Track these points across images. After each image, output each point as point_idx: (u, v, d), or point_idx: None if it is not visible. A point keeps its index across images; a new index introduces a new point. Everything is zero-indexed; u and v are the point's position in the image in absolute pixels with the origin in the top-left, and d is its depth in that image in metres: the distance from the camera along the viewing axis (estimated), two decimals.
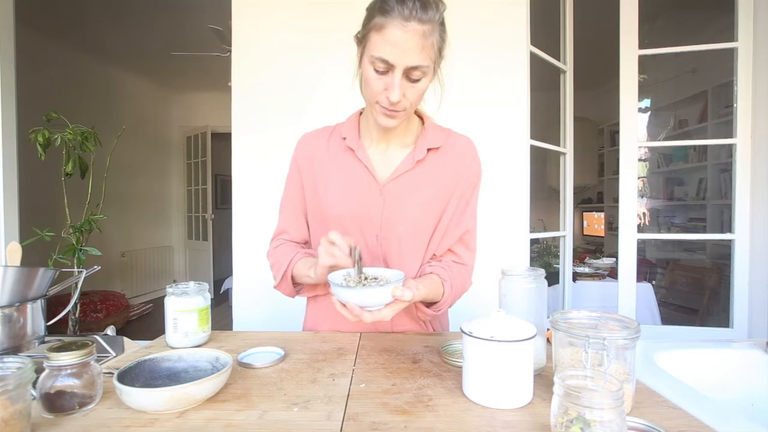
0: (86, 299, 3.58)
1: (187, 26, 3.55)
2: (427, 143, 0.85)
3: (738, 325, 1.89)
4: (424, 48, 0.68)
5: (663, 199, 4.26)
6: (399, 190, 0.83)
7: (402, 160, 0.84)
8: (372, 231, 0.85)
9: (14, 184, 2.09)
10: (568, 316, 0.66)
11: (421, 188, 0.84)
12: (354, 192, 0.84)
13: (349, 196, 0.84)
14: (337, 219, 0.85)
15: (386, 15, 0.67)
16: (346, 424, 0.54)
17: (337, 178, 0.86)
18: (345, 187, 0.85)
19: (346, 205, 0.84)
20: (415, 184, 0.84)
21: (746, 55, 1.87)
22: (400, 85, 0.71)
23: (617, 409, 0.43)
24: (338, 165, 0.86)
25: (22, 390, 0.49)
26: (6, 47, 2.06)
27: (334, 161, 0.87)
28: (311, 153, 0.90)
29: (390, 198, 0.83)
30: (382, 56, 0.69)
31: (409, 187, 0.83)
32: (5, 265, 0.81)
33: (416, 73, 0.71)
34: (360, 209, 0.84)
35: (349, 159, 0.86)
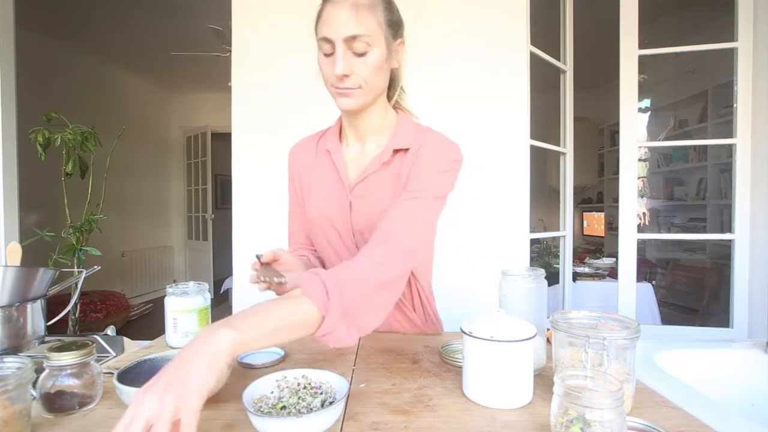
0: (86, 299, 3.58)
1: (187, 26, 3.55)
2: (394, 144, 0.81)
3: (738, 325, 1.89)
4: (358, 18, 0.69)
5: (663, 199, 4.26)
6: (365, 192, 0.81)
7: (367, 163, 0.82)
8: (347, 235, 0.84)
9: (14, 184, 2.09)
10: (568, 316, 0.66)
11: (387, 192, 0.79)
12: (328, 195, 0.84)
13: (324, 198, 0.85)
14: (318, 222, 0.86)
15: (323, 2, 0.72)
16: (346, 424, 0.54)
17: (318, 181, 0.87)
18: (322, 190, 0.85)
19: (322, 208, 0.85)
20: (382, 187, 0.80)
21: (746, 55, 1.87)
22: (342, 57, 0.71)
23: (617, 409, 0.43)
24: (319, 168, 0.87)
25: (22, 390, 0.49)
26: (6, 47, 2.06)
27: (318, 165, 0.88)
28: (300, 160, 0.92)
29: (357, 201, 0.81)
30: (323, 35, 0.72)
31: (374, 191, 0.81)
32: (5, 265, 0.81)
33: (358, 45, 0.71)
34: (333, 212, 0.84)
35: (327, 162, 0.86)
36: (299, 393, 0.55)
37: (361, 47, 0.71)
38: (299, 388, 0.56)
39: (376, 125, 0.84)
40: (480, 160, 1.83)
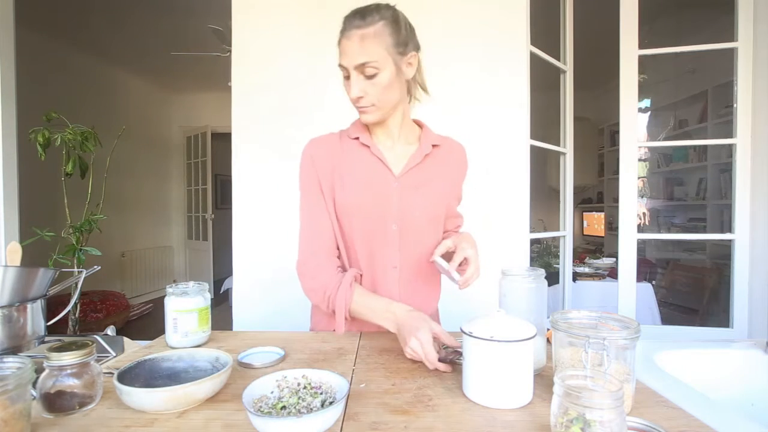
0: (86, 299, 3.58)
1: (187, 26, 3.54)
2: (430, 141, 0.95)
3: (738, 325, 1.89)
4: (364, 47, 0.81)
5: (663, 199, 4.26)
6: (412, 181, 0.91)
7: (411, 155, 0.93)
8: (389, 220, 0.90)
9: (14, 184, 2.09)
10: (568, 316, 0.66)
11: (430, 179, 0.93)
12: (371, 184, 0.90)
13: (367, 188, 0.90)
14: (355, 212, 0.90)
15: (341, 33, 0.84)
16: (346, 424, 0.54)
17: (355, 173, 0.91)
18: (363, 180, 0.91)
19: (365, 198, 0.90)
20: (425, 175, 0.93)
21: (746, 55, 1.87)
22: (356, 82, 0.84)
23: (617, 409, 0.43)
24: (354, 162, 0.92)
25: (22, 390, 0.49)
26: (6, 47, 2.06)
27: (349, 159, 0.93)
28: (325, 153, 0.93)
29: (405, 188, 0.91)
30: (340, 63, 0.85)
31: (420, 178, 0.92)
32: (5, 265, 0.81)
33: (368, 70, 0.82)
34: (377, 200, 0.90)
35: (364, 155, 0.93)
36: (299, 393, 0.55)
37: (371, 71, 0.83)
38: (299, 388, 0.56)
39: (401, 126, 0.95)
40: (487, 163, 1.83)
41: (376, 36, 0.81)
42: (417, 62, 0.92)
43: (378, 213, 0.90)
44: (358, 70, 0.83)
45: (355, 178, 0.91)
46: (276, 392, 0.55)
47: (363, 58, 0.81)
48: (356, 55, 0.81)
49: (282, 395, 0.55)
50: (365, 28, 0.81)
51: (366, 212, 0.90)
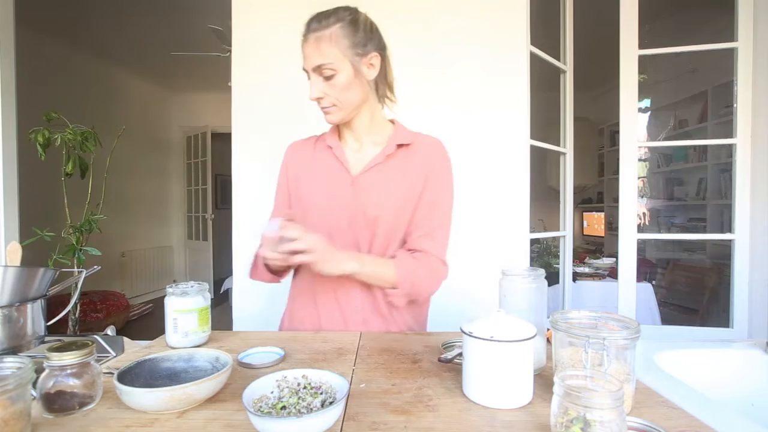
0: (86, 299, 3.58)
1: (187, 26, 3.54)
2: (396, 140, 0.95)
3: (738, 325, 1.89)
4: (319, 49, 0.84)
5: (663, 199, 4.26)
6: (370, 181, 0.93)
7: (375, 155, 0.95)
8: (343, 219, 0.92)
9: (14, 184, 2.09)
10: (568, 316, 0.66)
11: (391, 180, 0.93)
12: (329, 183, 0.95)
13: (324, 187, 0.95)
14: (314, 209, 0.94)
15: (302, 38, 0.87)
16: (346, 424, 0.54)
17: (317, 173, 0.97)
18: (322, 179, 0.96)
19: (321, 195, 0.94)
20: (385, 176, 0.93)
21: (746, 55, 1.87)
22: (314, 83, 0.87)
23: (617, 409, 0.43)
24: (319, 163, 0.98)
25: (22, 390, 0.49)
26: (6, 47, 2.06)
27: (316, 160, 0.98)
28: (297, 155, 1.02)
29: (361, 188, 0.92)
30: (302, 67, 0.88)
31: (378, 179, 0.93)
32: (5, 265, 0.81)
33: (325, 71, 0.86)
34: (333, 200, 0.93)
35: (327, 157, 0.98)
36: (299, 393, 0.55)
37: (328, 72, 0.86)
38: (299, 388, 0.56)
39: (368, 127, 0.97)
40: (487, 163, 1.83)
41: (331, 39, 0.84)
42: (380, 63, 0.92)
43: (334, 213, 0.92)
44: (316, 71, 0.86)
45: (315, 179, 0.96)
46: (276, 392, 0.55)
47: (319, 60, 0.85)
48: (312, 57, 0.85)
49: (282, 395, 0.55)
50: (320, 31, 0.85)
51: (322, 211, 0.93)
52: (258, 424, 0.48)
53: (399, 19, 1.84)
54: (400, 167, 0.94)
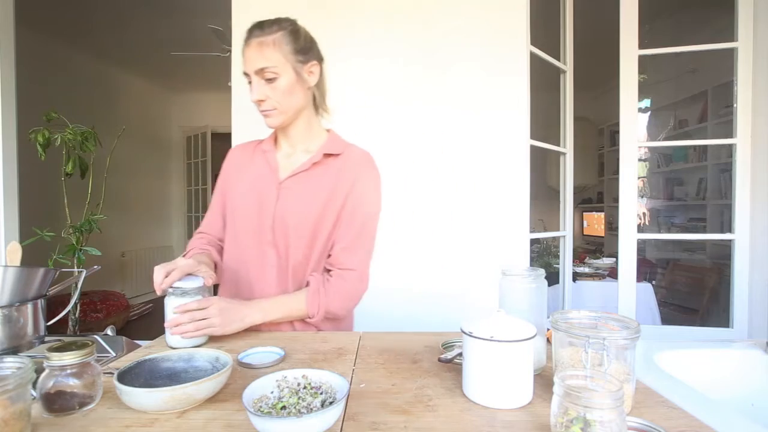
0: (86, 299, 3.58)
1: (188, 26, 3.54)
2: (324, 149, 0.98)
3: (738, 325, 1.89)
4: (262, 53, 0.88)
5: (663, 199, 4.26)
6: (294, 186, 0.96)
7: (302, 162, 0.98)
8: (267, 221, 0.95)
9: (14, 184, 2.09)
10: (568, 316, 0.66)
11: (315, 186, 0.96)
12: (256, 186, 0.98)
13: (251, 189, 0.98)
14: (242, 210, 0.98)
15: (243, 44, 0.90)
16: (346, 424, 0.54)
17: (250, 176, 1.00)
18: (251, 182, 0.99)
19: (247, 197, 0.97)
20: (310, 182, 0.96)
21: (746, 55, 1.87)
22: (256, 86, 0.90)
23: (617, 409, 0.43)
24: (253, 166, 1.01)
25: (22, 390, 0.49)
26: (6, 47, 2.07)
27: (250, 165, 1.02)
28: (236, 158, 1.06)
29: (285, 193, 0.96)
30: (243, 70, 0.91)
31: (303, 185, 0.96)
32: (5, 265, 0.81)
33: (267, 74, 0.89)
34: (258, 201, 0.96)
35: (261, 160, 1.01)
36: (299, 393, 0.55)
37: (270, 75, 0.89)
38: (299, 388, 0.56)
39: (303, 134, 1.00)
40: (488, 163, 1.83)
41: (274, 43, 0.88)
42: (319, 73, 0.97)
43: (260, 214, 0.95)
44: (259, 74, 0.89)
45: (246, 182, 0.99)
46: (276, 392, 0.55)
47: (262, 63, 0.88)
48: (255, 60, 0.88)
49: (282, 395, 0.55)
50: (263, 36, 0.88)
51: (248, 212, 0.96)
52: (258, 424, 0.48)
53: (399, 19, 1.84)
54: (325, 177, 0.96)
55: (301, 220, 0.94)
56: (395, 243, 1.85)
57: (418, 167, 1.85)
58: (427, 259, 1.85)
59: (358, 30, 1.85)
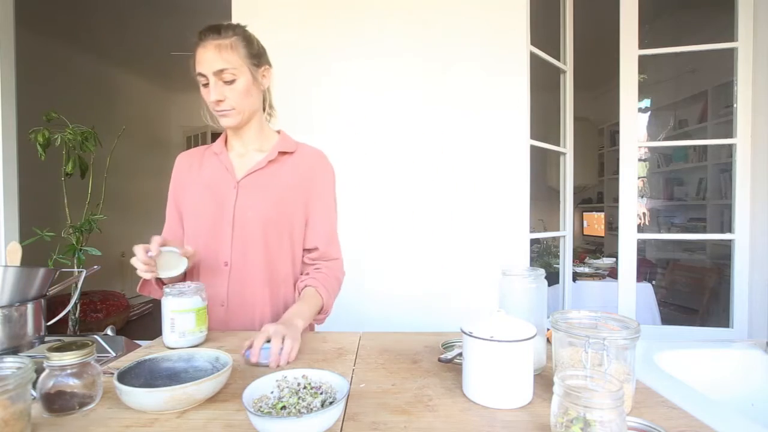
0: (86, 299, 3.58)
1: (187, 26, 3.53)
2: (279, 147, 1.02)
3: (738, 325, 1.89)
4: (221, 55, 0.90)
5: (663, 199, 4.26)
6: (251, 184, 0.99)
7: (258, 160, 1.01)
8: (227, 220, 0.97)
9: (14, 184, 2.09)
10: (568, 316, 0.66)
11: (272, 184, 0.99)
12: (213, 188, 0.99)
13: (208, 191, 0.99)
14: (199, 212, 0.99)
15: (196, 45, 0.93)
16: (346, 424, 0.54)
17: (203, 178, 1.02)
18: (207, 184, 1.01)
19: (205, 199, 0.99)
20: (267, 180, 0.99)
21: (746, 55, 1.87)
22: (215, 87, 0.92)
23: (617, 409, 0.43)
24: (206, 170, 1.03)
25: (22, 390, 0.49)
26: (6, 47, 2.06)
27: (203, 168, 1.04)
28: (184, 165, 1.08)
29: (244, 192, 0.98)
30: (198, 71, 0.92)
31: (261, 183, 0.99)
32: (5, 265, 0.81)
33: (226, 75, 0.91)
34: (217, 202, 0.98)
35: (214, 163, 1.03)
36: (299, 393, 0.55)
37: (229, 77, 0.92)
38: (299, 388, 0.56)
39: (256, 135, 1.04)
40: (488, 163, 1.83)
41: (232, 47, 0.92)
42: (270, 77, 1.03)
43: (216, 213, 0.97)
44: (217, 76, 0.91)
45: (200, 184, 1.01)
46: (276, 392, 0.55)
47: (221, 64, 0.90)
48: (214, 62, 0.90)
49: (282, 395, 0.55)
50: (221, 39, 0.91)
51: (205, 213, 0.98)
52: (258, 424, 0.48)
53: (398, 19, 1.84)
54: (281, 173, 1.00)
55: (261, 216, 0.97)
56: (395, 243, 1.85)
57: (418, 167, 1.85)
58: (427, 259, 1.85)
59: (357, 30, 1.85)
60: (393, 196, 1.85)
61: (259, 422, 0.47)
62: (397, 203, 1.84)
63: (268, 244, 0.98)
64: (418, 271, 1.85)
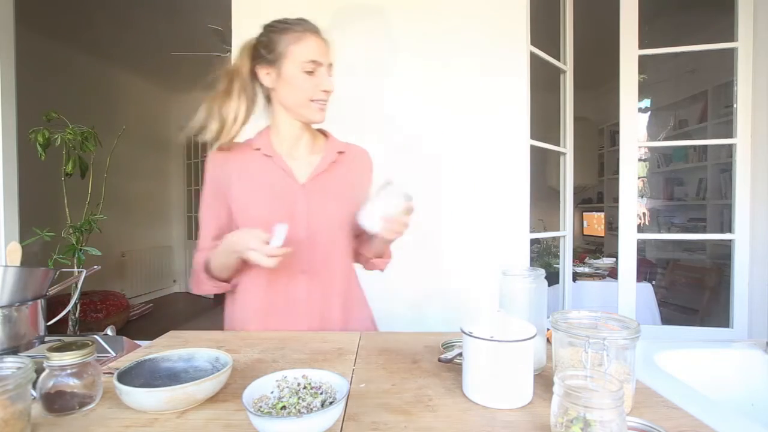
0: (86, 299, 3.58)
1: (188, 26, 3.54)
2: (335, 148, 1.02)
3: (738, 325, 1.89)
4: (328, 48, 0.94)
5: (663, 199, 4.26)
6: (318, 187, 0.97)
7: (317, 163, 0.98)
8: (300, 228, 0.93)
9: (14, 184, 2.09)
10: (568, 316, 0.66)
11: (337, 185, 0.99)
12: (275, 194, 0.94)
13: (270, 199, 0.94)
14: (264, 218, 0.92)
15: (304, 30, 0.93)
16: (346, 424, 0.54)
17: (259, 185, 0.95)
18: (268, 192, 0.94)
19: (268, 208, 0.93)
20: (332, 182, 0.98)
21: (746, 55, 1.87)
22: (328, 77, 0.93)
23: (617, 409, 0.43)
24: (257, 174, 0.96)
25: (22, 390, 0.49)
26: (6, 47, 2.06)
27: (251, 171, 0.96)
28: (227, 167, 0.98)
29: (312, 196, 0.95)
30: (312, 58, 0.91)
31: (326, 185, 0.98)
32: (5, 265, 0.81)
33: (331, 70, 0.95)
34: (285, 210, 0.93)
35: (267, 167, 0.96)
36: (299, 393, 0.55)
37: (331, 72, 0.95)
38: (299, 388, 0.56)
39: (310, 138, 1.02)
40: (488, 163, 1.83)
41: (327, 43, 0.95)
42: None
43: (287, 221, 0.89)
44: (328, 69, 0.94)
45: (262, 190, 0.95)
46: (276, 392, 0.55)
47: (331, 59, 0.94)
48: (328, 54, 0.94)
49: (282, 395, 0.55)
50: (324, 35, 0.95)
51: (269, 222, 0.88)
52: (258, 424, 0.48)
53: (398, 18, 1.84)
54: (342, 173, 1.00)
55: (335, 220, 0.96)
56: (395, 243, 1.84)
57: (418, 167, 1.85)
58: (427, 258, 1.84)
59: (357, 30, 1.85)
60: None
61: (259, 422, 0.47)
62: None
63: (341, 247, 0.98)
64: (419, 271, 1.85)
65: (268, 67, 0.95)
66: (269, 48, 0.94)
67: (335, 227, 0.97)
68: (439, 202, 1.84)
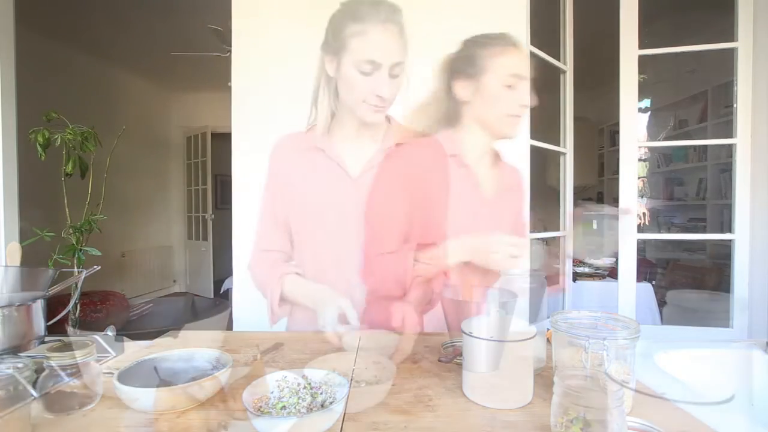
0: (86, 299, 3.57)
1: (187, 26, 3.54)
2: (394, 139, 0.95)
3: (738, 325, 1.89)
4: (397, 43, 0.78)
5: (663, 199, 4.26)
6: (370, 181, 0.93)
7: (372, 155, 0.94)
8: (351, 221, 0.92)
9: (14, 184, 2.09)
10: (568, 316, 0.66)
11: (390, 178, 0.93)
12: (329, 188, 0.93)
13: (324, 192, 0.93)
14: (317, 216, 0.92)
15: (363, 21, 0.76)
16: (346, 424, 0.54)
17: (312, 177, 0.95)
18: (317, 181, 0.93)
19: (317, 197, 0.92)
20: (385, 175, 0.93)
21: (746, 55, 1.86)
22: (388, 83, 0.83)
23: (617, 409, 0.43)
24: (312, 166, 0.96)
25: (22, 390, 0.49)
26: (6, 47, 2.06)
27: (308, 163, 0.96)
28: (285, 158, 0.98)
29: (363, 189, 0.92)
30: (369, 57, 0.80)
31: (379, 179, 0.93)
32: (5, 265, 0.81)
33: (396, 69, 0.81)
34: (335, 202, 0.92)
35: (320, 159, 0.95)
36: (299, 393, 0.55)
37: (397, 71, 0.80)
38: (299, 388, 0.56)
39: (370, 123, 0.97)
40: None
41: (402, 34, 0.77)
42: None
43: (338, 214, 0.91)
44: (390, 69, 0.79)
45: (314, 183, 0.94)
46: (276, 392, 0.55)
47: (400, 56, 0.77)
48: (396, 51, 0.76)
49: (282, 395, 0.55)
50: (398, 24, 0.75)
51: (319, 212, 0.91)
52: (258, 424, 0.48)
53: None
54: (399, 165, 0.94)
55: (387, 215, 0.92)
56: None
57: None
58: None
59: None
60: None
61: (259, 422, 0.47)
62: None
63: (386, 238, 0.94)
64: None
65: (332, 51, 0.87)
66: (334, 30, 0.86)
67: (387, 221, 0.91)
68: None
